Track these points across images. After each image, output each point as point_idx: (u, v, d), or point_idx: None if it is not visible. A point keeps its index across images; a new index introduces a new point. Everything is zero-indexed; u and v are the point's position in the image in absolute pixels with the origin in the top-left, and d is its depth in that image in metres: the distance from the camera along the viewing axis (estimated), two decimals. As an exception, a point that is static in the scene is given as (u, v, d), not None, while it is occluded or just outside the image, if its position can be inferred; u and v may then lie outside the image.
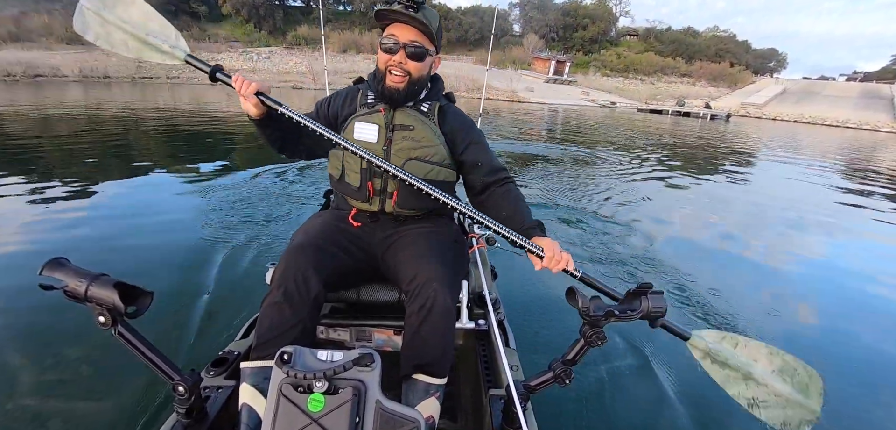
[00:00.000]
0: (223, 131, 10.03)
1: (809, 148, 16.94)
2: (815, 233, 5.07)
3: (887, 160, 13.84)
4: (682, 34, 70.29)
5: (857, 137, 25.31)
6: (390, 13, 1.31)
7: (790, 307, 3.13)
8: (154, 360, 1.02)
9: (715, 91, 52.95)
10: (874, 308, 3.20)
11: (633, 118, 26.99)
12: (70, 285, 0.90)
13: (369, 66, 42.91)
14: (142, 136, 8.90)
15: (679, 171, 8.79)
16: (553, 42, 64.91)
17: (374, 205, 1.40)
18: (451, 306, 1.17)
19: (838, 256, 4.36)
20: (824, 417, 1.14)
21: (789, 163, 11.66)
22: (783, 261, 4.06)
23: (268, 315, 1.12)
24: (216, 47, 43.14)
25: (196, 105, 15.54)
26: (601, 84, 53.07)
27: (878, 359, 2.56)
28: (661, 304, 0.92)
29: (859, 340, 2.74)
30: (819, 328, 2.87)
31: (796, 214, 5.85)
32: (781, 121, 37.65)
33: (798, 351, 1.21)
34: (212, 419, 1.12)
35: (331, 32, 49.88)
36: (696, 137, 16.83)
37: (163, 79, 31.55)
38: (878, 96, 47.19)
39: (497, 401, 1.22)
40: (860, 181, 9.22)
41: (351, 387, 0.85)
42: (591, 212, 4.98)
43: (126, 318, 0.95)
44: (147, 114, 12.32)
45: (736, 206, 6.17)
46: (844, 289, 3.56)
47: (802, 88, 55.63)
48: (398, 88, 1.35)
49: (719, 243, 4.38)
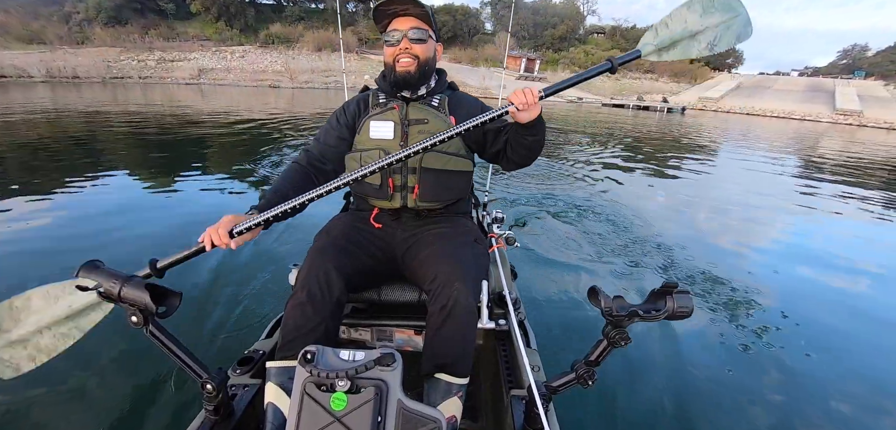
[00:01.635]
0: (238, 133, 9.89)
1: (752, 135, 18.51)
2: (747, 208, 5.60)
3: (816, 148, 14.78)
4: (642, 32, 72.09)
5: (802, 128, 26.81)
6: (387, 8, 1.35)
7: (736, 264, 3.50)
8: (184, 359, 1.02)
9: (676, 86, 54.53)
10: (815, 280, 3.48)
11: (598, 112, 27.87)
12: (104, 286, 0.91)
13: (346, 64, 42.05)
14: (144, 139, 8.69)
15: (636, 153, 9.91)
16: (524, 40, 65.38)
17: (395, 202, 1.40)
18: (473, 305, 1.17)
19: (778, 235, 4.70)
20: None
21: (730, 148, 12.90)
22: (717, 234, 4.49)
23: (292, 316, 1.12)
24: (187, 46, 41.22)
25: (200, 107, 15.11)
26: (570, 81, 53.79)
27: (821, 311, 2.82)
28: (688, 303, 0.88)
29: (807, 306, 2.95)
30: (768, 290, 3.10)
31: (727, 188, 6.75)
32: (734, 113, 39.34)
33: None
34: (238, 416, 1.13)
35: (304, 31, 48.57)
36: (650, 129, 17.76)
37: (135, 79, 30.17)
38: (822, 90, 49.69)
39: (519, 402, 1.20)
40: (778, 162, 10.20)
41: (373, 386, 0.86)
42: (562, 193, 5.40)
43: (156, 318, 0.96)
44: (172, 116, 12.06)
45: (679, 186, 6.87)
46: (792, 263, 3.83)
47: (755, 82, 57.92)
48: (410, 71, 1.37)
49: (665, 216, 4.98)
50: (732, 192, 6.72)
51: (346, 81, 3.04)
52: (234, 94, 23.54)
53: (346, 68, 29.79)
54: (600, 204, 5.17)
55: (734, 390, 2.11)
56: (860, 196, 6.91)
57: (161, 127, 10.21)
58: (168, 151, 7.75)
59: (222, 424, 1.09)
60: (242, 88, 28.79)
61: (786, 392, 2.12)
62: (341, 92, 2.27)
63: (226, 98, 20.29)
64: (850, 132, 26.02)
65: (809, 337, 2.60)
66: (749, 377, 2.22)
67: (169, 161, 6.83)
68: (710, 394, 2.07)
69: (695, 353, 2.36)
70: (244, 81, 33.45)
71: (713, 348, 2.43)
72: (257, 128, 10.96)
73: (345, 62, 3.40)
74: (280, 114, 14.47)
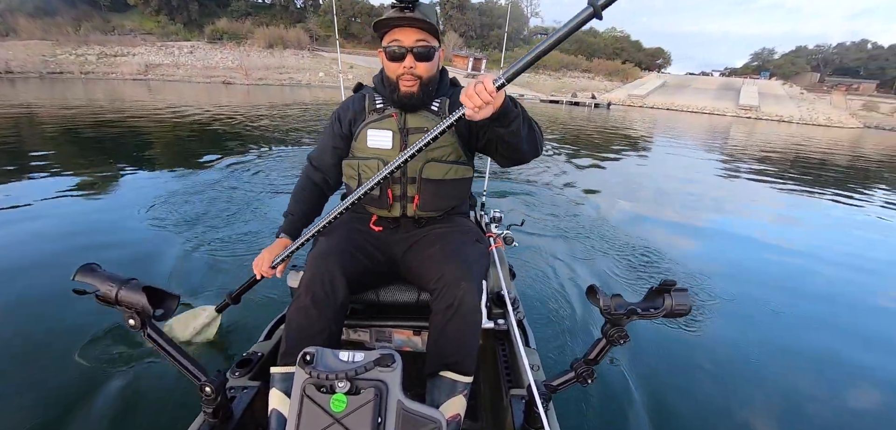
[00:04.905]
0: (231, 127, 9.33)
1: (668, 127, 20.55)
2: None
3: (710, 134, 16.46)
4: (583, 34, 75.16)
5: (712, 121, 29.58)
6: (389, 21, 1.21)
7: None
8: (181, 361, 0.98)
9: (610, 85, 57.29)
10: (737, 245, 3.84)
11: (536, 107, 29.20)
12: (102, 289, 0.87)
13: (299, 61, 40.22)
14: (132, 132, 8.05)
15: (571, 144, 10.64)
16: (472, 40, 65.79)
17: (394, 211, 1.33)
18: (479, 304, 1.13)
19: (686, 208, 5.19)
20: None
21: (651, 137, 14.05)
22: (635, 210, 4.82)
23: (295, 320, 1.07)
24: (128, 41, 37.32)
25: (162, 103, 13.67)
26: (515, 79, 54.98)
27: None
28: (685, 301, 0.86)
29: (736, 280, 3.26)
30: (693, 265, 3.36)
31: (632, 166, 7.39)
32: (657, 109, 42.32)
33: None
34: (237, 419, 1.08)
35: (253, 27, 45.77)
36: (581, 121, 19.04)
37: (76, 74, 27.09)
38: (732, 89, 54.30)
39: (518, 401, 1.16)
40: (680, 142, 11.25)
41: (373, 387, 0.84)
42: (554, 192, 5.62)
43: (154, 320, 0.92)
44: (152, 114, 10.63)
45: (596, 172, 7.33)
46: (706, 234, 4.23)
47: (678, 82, 61.98)
48: (413, 92, 1.26)
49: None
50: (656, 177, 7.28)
51: (341, 81, 2.93)
52: (185, 90, 21.80)
53: (299, 65, 28.58)
54: (591, 203, 5.22)
55: (733, 383, 2.10)
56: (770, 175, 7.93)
57: (109, 123, 9.24)
58: (110, 146, 7.04)
59: (221, 427, 1.04)
60: (194, 85, 26.71)
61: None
62: (297, 89, 2.17)
63: (175, 94, 18.77)
64: (751, 124, 29.21)
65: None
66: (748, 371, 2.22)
67: (108, 156, 6.20)
68: (713, 387, 2.05)
69: (693, 346, 2.35)
70: (195, 77, 30.99)
71: (713, 342, 2.42)
72: (210, 121, 10.25)
73: (297, 60, 3.25)
74: (239, 107, 13.63)
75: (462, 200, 1.42)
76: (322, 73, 36.09)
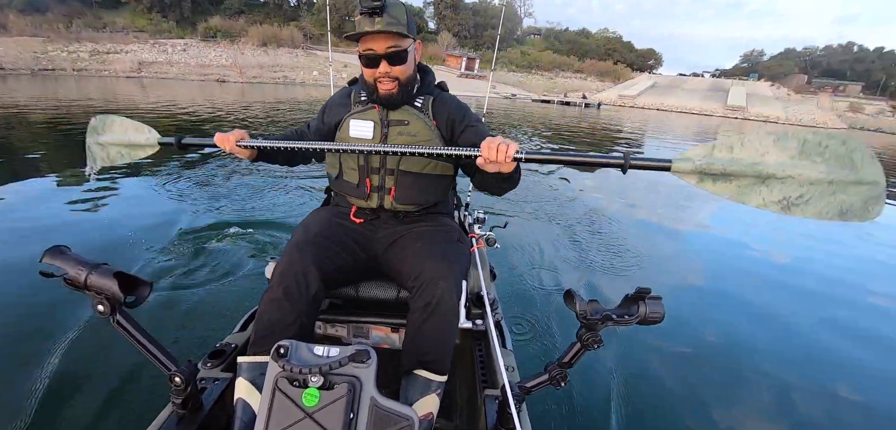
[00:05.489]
0: (230, 126, 9.20)
1: (657, 126, 20.81)
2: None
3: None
4: (576, 35, 75.59)
5: (700, 121, 29.89)
6: (359, 34, 1.21)
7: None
8: (151, 350, 0.95)
9: (601, 85, 57.58)
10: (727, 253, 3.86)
11: (528, 107, 29.54)
12: (70, 272, 0.83)
13: (293, 59, 39.97)
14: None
15: (562, 144, 10.76)
16: (465, 40, 65.72)
17: (372, 202, 1.34)
18: (457, 304, 1.12)
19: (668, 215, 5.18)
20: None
21: (640, 137, 14.27)
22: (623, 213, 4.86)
23: (267, 311, 1.06)
24: (120, 38, 36.72)
25: (142, 98, 13.45)
26: (507, 79, 55.04)
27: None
28: (659, 309, 0.86)
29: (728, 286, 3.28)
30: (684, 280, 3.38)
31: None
32: (647, 109, 42.69)
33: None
34: (207, 410, 1.05)
35: (247, 26, 45.30)
36: (572, 120, 19.16)
37: (68, 71, 26.63)
38: (721, 90, 54.85)
39: (492, 401, 1.15)
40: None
41: (346, 383, 0.82)
42: (542, 194, 5.49)
43: (125, 307, 0.89)
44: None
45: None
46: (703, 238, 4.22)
47: (668, 82, 62.39)
48: (392, 93, 1.28)
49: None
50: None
51: (332, 78, 2.93)
52: (179, 88, 21.52)
53: (293, 64, 28.36)
54: (577, 205, 5.19)
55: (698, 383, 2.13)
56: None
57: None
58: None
59: (190, 418, 1.01)
60: (188, 82, 26.39)
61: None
62: (291, 87, 2.16)
63: (169, 91, 18.53)
64: (738, 125, 29.59)
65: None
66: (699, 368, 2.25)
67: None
68: (682, 389, 2.07)
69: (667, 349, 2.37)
70: (189, 74, 30.61)
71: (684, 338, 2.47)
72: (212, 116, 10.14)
73: (291, 59, 3.24)
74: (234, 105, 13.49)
75: (441, 197, 1.42)
76: (316, 71, 35.82)
